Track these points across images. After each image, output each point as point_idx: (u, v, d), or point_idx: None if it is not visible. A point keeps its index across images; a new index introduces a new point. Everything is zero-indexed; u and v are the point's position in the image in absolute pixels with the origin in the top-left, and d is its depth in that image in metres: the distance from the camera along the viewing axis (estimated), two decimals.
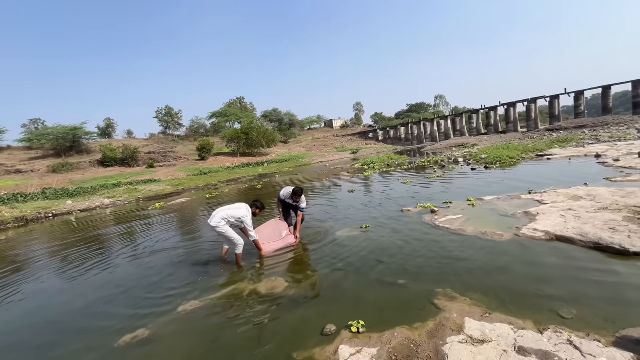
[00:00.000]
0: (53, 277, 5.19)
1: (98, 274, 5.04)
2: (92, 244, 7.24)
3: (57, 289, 4.64)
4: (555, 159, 11.99)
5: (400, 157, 24.12)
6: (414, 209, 6.45)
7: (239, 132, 41.76)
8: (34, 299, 4.33)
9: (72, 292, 4.46)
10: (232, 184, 21.70)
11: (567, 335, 2.08)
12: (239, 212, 4.44)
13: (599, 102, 37.80)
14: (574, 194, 5.76)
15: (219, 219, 4.36)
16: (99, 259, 5.86)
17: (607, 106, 36.51)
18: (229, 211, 4.46)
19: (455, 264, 3.58)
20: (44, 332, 3.38)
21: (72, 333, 3.23)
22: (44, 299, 4.28)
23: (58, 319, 3.63)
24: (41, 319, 3.67)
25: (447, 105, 76.46)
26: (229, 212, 4.44)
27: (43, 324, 3.57)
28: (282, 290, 3.50)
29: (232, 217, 4.41)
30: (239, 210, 4.48)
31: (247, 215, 4.44)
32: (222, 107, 59.85)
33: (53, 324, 3.54)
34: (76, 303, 4.02)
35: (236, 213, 4.43)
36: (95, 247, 6.86)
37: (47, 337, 3.24)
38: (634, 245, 3.28)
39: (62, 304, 4.04)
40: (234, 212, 4.44)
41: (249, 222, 4.44)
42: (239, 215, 4.41)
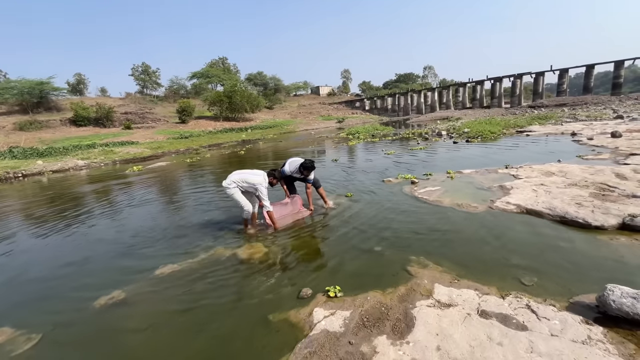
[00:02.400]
0: (26, 237, 5.02)
1: (74, 235, 4.92)
2: (67, 205, 6.99)
3: (31, 249, 4.51)
4: (533, 135, 12.30)
5: (385, 127, 24.08)
6: (395, 180, 6.54)
7: (222, 95, 39.96)
8: (4, 258, 4.20)
9: (48, 253, 4.35)
10: (214, 149, 21.17)
11: (526, 301, 2.24)
12: (254, 177, 4.10)
13: (581, 82, 38.40)
14: (547, 170, 5.98)
15: (230, 180, 4.12)
16: (76, 220, 5.69)
17: (589, 85, 37.19)
18: (244, 175, 4.14)
19: (430, 234, 3.71)
20: (14, 293, 3.31)
21: (47, 295, 3.18)
22: (17, 260, 4.16)
23: (32, 279, 3.56)
24: (14, 280, 3.59)
25: (436, 77, 75.59)
26: (243, 175, 4.13)
27: (15, 284, 3.49)
28: (261, 256, 3.54)
29: (246, 181, 4.09)
30: (254, 176, 4.13)
31: (263, 183, 4.07)
32: (204, 68, 56.58)
33: (26, 284, 3.47)
34: (52, 264, 3.94)
35: (251, 178, 4.09)
36: (72, 209, 6.64)
37: (17, 298, 3.18)
38: (596, 219, 3.49)
39: (37, 265, 3.95)
40: (249, 176, 4.11)
41: (264, 192, 4.06)
42: (253, 182, 4.06)
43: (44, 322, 2.66)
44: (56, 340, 2.45)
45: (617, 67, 35.65)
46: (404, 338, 2.01)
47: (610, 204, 3.83)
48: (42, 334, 2.50)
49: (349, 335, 2.10)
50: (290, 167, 4.74)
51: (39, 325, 2.62)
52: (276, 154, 15.10)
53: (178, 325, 2.49)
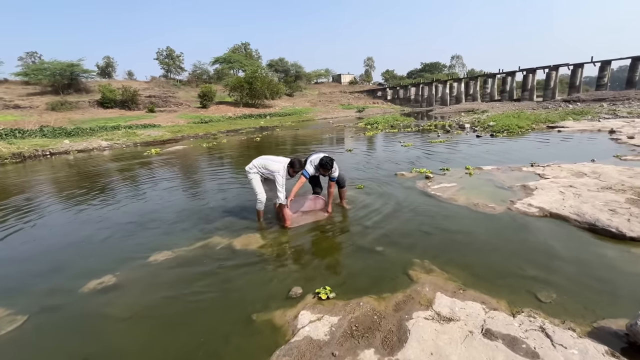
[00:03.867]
0: (37, 215, 5.14)
1: (79, 214, 4.98)
2: (83, 184, 7.16)
3: (38, 225, 4.60)
4: (566, 131, 11.42)
5: (406, 118, 23.29)
6: (408, 174, 6.20)
7: (242, 81, 40.00)
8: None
9: (49, 230, 4.42)
10: (232, 134, 21.30)
11: (541, 321, 1.94)
12: (273, 164, 3.86)
13: (625, 75, 35.36)
14: (578, 170, 5.45)
15: (251, 164, 3.97)
16: (84, 200, 5.78)
17: (633, 79, 34.22)
18: (265, 161, 3.94)
19: (439, 235, 3.42)
20: (10, 271, 3.35)
21: (42, 274, 3.19)
22: (18, 236, 4.24)
23: (29, 258, 3.59)
24: (7, 257, 3.65)
25: (464, 67, 72.21)
26: (264, 161, 3.94)
27: (13, 262, 3.54)
28: (256, 247, 3.39)
29: (265, 167, 3.88)
30: (274, 163, 3.89)
31: (280, 171, 3.78)
32: (226, 53, 56.71)
33: (22, 262, 3.50)
34: (52, 242, 3.99)
35: (270, 165, 3.87)
36: (83, 188, 6.78)
37: (11, 276, 3.21)
38: (632, 229, 3.07)
39: (37, 242, 4.01)
40: (269, 163, 3.90)
41: (280, 181, 3.75)
42: (272, 169, 3.83)
43: (32, 304, 2.63)
44: (40, 324, 2.41)
45: None
46: (393, 354, 1.79)
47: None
48: (28, 316, 2.47)
49: (334, 345, 1.90)
50: (312, 166, 4.09)
51: (26, 306, 2.60)
52: (292, 142, 14.94)
53: (160, 317, 2.38)
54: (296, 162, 3.89)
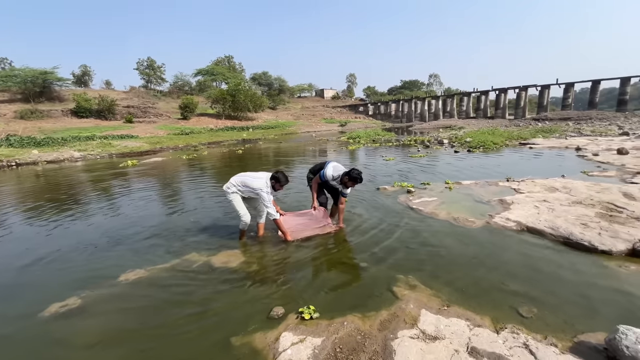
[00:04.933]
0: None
1: (44, 229, 4.64)
2: (50, 196, 6.72)
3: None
4: (537, 148, 12.01)
5: (387, 133, 23.81)
6: (390, 188, 6.26)
7: (225, 93, 39.85)
8: None
9: (10, 247, 4.08)
10: (213, 146, 20.97)
11: (524, 338, 1.94)
12: (255, 182, 3.62)
13: (586, 97, 38.13)
14: (550, 185, 5.69)
15: (230, 183, 3.73)
16: (51, 214, 5.41)
17: (594, 101, 36.94)
18: (244, 178, 3.70)
19: (422, 250, 3.42)
20: None
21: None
22: None
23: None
24: None
25: (441, 85, 75.48)
26: (243, 179, 3.69)
27: None
28: (236, 265, 3.26)
29: (246, 186, 3.64)
30: (256, 180, 3.65)
31: (264, 188, 3.57)
32: (209, 65, 56.55)
33: None
34: (12, 262, 3.67)
35: (251, 183, 3.63)
36: (51, 201, 6.36)
37: None
38: (603, 243, 3.20)
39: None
40: (249, 180, 3.65)
41: (266, 198, 3.56)
42: (254, 187, 3.59)
43: None
44: None
45: (623, 83, 35.42)
46: None
47: (619, 227, 3.54)
48: None
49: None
50: (334, 171, 3.93)
51: None
52: (275, 155, 14.84)
53: (130, 343, 2.20)
54: (281, 176, 3.67)
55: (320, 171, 4.04)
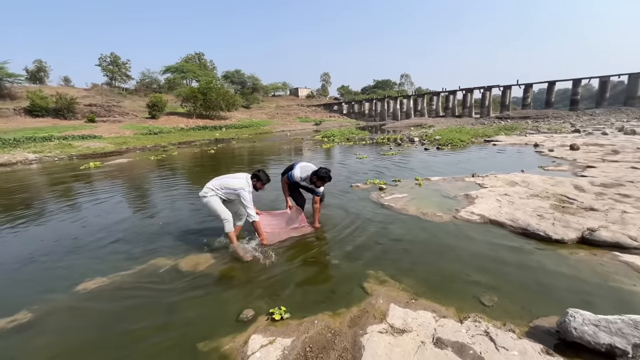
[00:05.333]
0: None
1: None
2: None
3: None
4: (500, 145, 12.69)
5: (361, 132, 24.17)
6: (363, 185, 6.35)
7: (196, 92, 38.55)
8: None
9: None
10: (184, 146, 20.26)
11: (485, 326, 2.04)
12: (235, 182, 3.47)
13: (544, 97, 40.84)
14: (511, 180, 6.03)
15: (207, 188, 3.49)
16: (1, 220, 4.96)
17: (550, 100, 39.64)
18: (223, 180, 3.51)
19: (392, 245, 3.50)
20: None
21: None
22: None
23: None
24: None
25: (412, 85, 77.68)
26: (222, 181, 3.51)
27: None
28: (205, 268, 3.16)
29: (226, 187, 3.46)
30: (236, 180, 3.50)
31: (246, 187, 3.43)
32: (179, 62, 54.50)
33: None
34: None
35: (232, 183, 3.46)
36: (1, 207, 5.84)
37: None
38: (556, 232, 3.43)
39: None
40: (229, 181, 3.48)
41: (248, 197, 3.40)
42: (233, 186, 3.43)
43: None
44: None
45: (575, 85, 38.29)
46: None
47: (570, 217, 3.82)
48: None
49: None
50: (301, 172, 3.94)
51: None
52: (250, 154, 14.58)
53: (89, 358, 2.07)
54: (262, 174, 3.60)
55: (289, 172, 4.04)
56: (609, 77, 36.22)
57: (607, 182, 5.42)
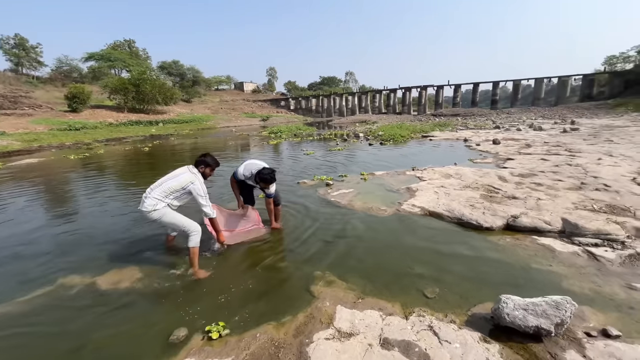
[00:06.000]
0: None
1: None
2: None
3: None
4: (435, 140, 13.69)
5: (308, 128, 24.19)
6: (310, 182, 6.26)
7: (127, 83, 34.67)
8: None
9: None
10: (113, 144, 18.13)
11: (429, 320, 2.07)
12: (179, 179, 2.94)
13: (470, 96, 45.41)
14: (446, 172, 6.47)
15: (152, 199, 2.85)
16: None
17: (475, 100, 44.26)
18: (166, 185, 2.93)
19: (339, 243, 3.44)
20: None
21: None
22: None
23: None
24: None
25: (356, 82, 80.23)
26: (165, 186, 2.92)
27: None
28: (130, 284, 2.75)
29: (173, 191, 2.91)
30: (178, 177, 2.96)
31: (195, 179, 2.95)
32: (104, 49, 48.56)
33: None
34: None
35: (175, 183, 2.93)
36: None
37: None
38: (486, 221, 3.72)
39: None
40: (172, 183, 2.93)
41: (200, 188, 2.94)
42: (181, 185, 2.92)
43: None
44: None
45: (495, 86, 43.33)
46: None
47: (497, 205, 4.18)
48: None
49: None
50: (244, 170, 3.67)
51: None
52: (190, 152, 13.52)
53: None
54: (209, 158, 3.15)
55: (234, 172, 3.80)
56: (520, 81, 41.69)
57: (524, 173, 6.11)
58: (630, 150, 7.79)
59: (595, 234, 3.18)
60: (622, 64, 36.30)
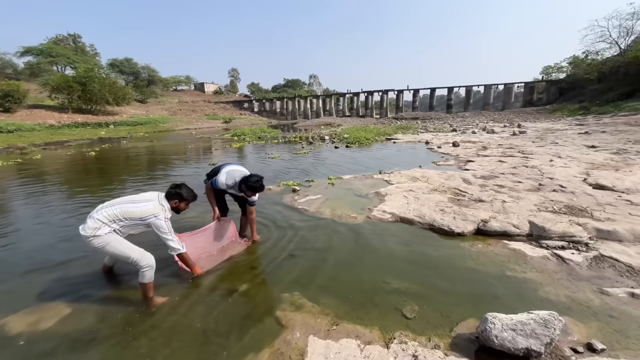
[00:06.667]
0: None
1: None
2: None
3: None
4: (398, 143, 13.96)
5: (273, 130, 23.64)
6: (276, 188, 5.92)
7: (71, 81, 31.43)
8: None
9: None
10: (54, 148, 16.27)
11: (412, 347, 1.85)
12: (141, 207, 2.40)
13: (427, 100, 47.72)
14: (412, 175, 6.47)
15: (95, 221, 2.30)
16: None
17: (432, 104, 46.64)
18: (122, 207, 2.39)
19: (307, 256, 3.16)
20: None
21: None
22: None
23: None
24: None
25: (320, 85, 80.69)
26: (120, 209, 2.37)
27: None
28: (53, 324, 2.22)
29: (126, 217, 2.37)
30: (141, 205, 2.42)
31: (159, 213, 2.42)
32: (45, 43, 43.92)
33: None
34: None
35: (135, 210, 2.38)
36: None
37: None
38: (458, 226, 3.65)
39: None
40: (130, 208, 2.39)
41: (165, 227, 2.43)
42: (139, 215, 2.38)
43: None
44: None
45: (449, 92, 45.99)
46: None
47: (466, 209, 4.16)
48: None
49: None
50: (227, 179, 3.27)
51: None
52: (147, 156, 12.40)
53: None
54: (184, 190, 2.61)
55: (214, 177, 3.36)
56: (472, 87, 44.60)
57: (486, 175, 6.29)
58: (574, 152, 8.44)
59: (561, 236, 3.23)
60: (556, 74, 40.29)
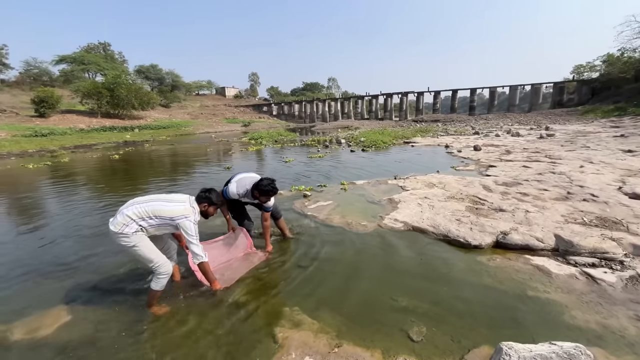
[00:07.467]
0: None
1: None
2: None
3: None
4: (417, 146, 13.58)
5: (290, 134, 23.77)
6: (287, 193, 5.84)
7: (101, 87, 33.13)
8: None
9: None
10: (82, 151, 17.06)
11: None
12: (172, 207, 2.36)
13: (449, 102, 46.48)
14: (429, 181, 6.20)
15: (124, 217, 2.26)
16: None
17: (454, 106, 45.34)
18: (153, 205, 2.34)
19: (311, 267, 3.02)
20: None
21: None
22: None
23: None
24: None
25: (339, 88, 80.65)
26: (152, 206, 2.33)
27: None
28: (51, 332, 2.21)
29: (156, 215, 2.31)
30: (172, 205, 2.38)
31: (190, 215, 2.37)
32: (77, 52, 46.53)
33: None
34: None
35: (165, 209, 2.33)
36: None
37: None
38: (475, 238, 3.41)
39: None
40: (162, 206, 2.34)
41: (192, 229, 2.36)
42: (170, 215, 2.33)
43: None
44: None
45: (472, 93, 44.50)
46: None
47: (484, 220, 3.89)
48: None
49: None
50: (238, 187, 3.17)
51: None
52: (168, 160, 12.75)
53: None
54: (214, 195, 2.58)
55: (224, 187, 3.26)
56: (496, 88, 42.98)
57: (508, 181, 5.92)
58: (608, 157, 7.83)
59: (592, 252, 2.92)
60: (588, 73, 38.12)
